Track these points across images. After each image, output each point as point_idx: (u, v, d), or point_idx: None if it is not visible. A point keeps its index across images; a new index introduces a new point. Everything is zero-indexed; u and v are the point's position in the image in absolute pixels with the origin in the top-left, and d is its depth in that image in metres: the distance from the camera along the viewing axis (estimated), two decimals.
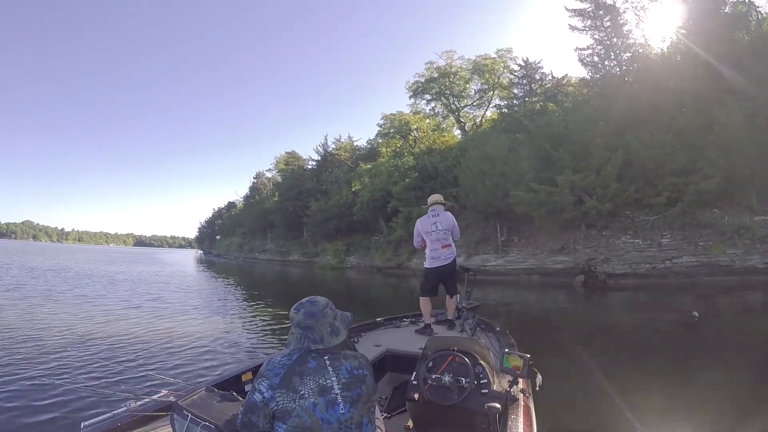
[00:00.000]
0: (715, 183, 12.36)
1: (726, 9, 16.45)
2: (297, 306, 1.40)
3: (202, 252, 74.34)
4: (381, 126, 35.14)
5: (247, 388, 2.25)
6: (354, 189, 29.57)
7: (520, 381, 2.10)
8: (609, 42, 21.36)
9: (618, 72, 21.02)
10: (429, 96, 32.91)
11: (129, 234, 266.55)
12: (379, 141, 35.71)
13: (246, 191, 56.79)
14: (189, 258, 53.95)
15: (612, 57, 21.45)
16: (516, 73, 27.44)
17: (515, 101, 27.04)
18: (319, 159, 40.26)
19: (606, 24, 21.44)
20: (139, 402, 1.94)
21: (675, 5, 18.61)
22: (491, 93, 31.61)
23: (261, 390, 1.27)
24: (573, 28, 22.51)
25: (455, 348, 2.17)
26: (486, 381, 2.01)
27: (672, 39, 17.92)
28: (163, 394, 2.05)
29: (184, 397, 1.69)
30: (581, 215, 14.60)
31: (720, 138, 12.33)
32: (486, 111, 32.45)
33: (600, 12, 21.45)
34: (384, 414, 2.27)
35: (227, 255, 52.15)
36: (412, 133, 33.53)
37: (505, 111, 26.77)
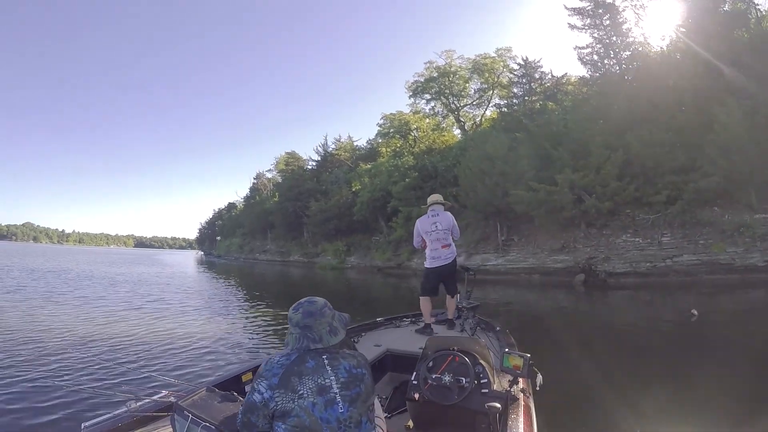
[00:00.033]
0: (715, 181, 12.37)
1: (725, 7, 16.46)
2: (295, 306, 1.41)
3: (202, 253, 74.36)
4: (381, 126, 35.19)
5: (248, 388, 2.24)
6: (354, 189, 29.57)
7: (520, 381, 2.10)
8: (608, 40, 21.38)
9: (617, 70, 21.05)
10: (429, 95, 32.91)
11: (129, 235, 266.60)
12: (379, 141, 35.72)
13: (246, 192, 57.08)
14: (189, 259, 53.90)
15: (611, 55, 21.47)
16: (515, 72, 27.45)
17: (515, 100, 27.05)
18: (319, 159, 40.27)
19: (605, 22, 21.46)
20: (140, 402, 1.94)
21: (674, 3, 18.64)
22: (491, 92, 31.58)
23: (260, 390, 1.27)
24: (572, 26, 22.55)
25: (455, 348, 2.17)
26: (486, 381, 2.01)
27: (671, 37, 17.96)
28: (164, 394, 2.04)
29: (184, 398, 1.69)
30: (581, 214, 14.60)
31: (719, 136, 12.34)
32: (486, 110, 32.49)
33: (599, 10, 21.46)
34: (385, 414, 2.26)
35: (228, 256, 52.16)
36: (411, 133, 33.52)
37: (505, 110, 26.79)
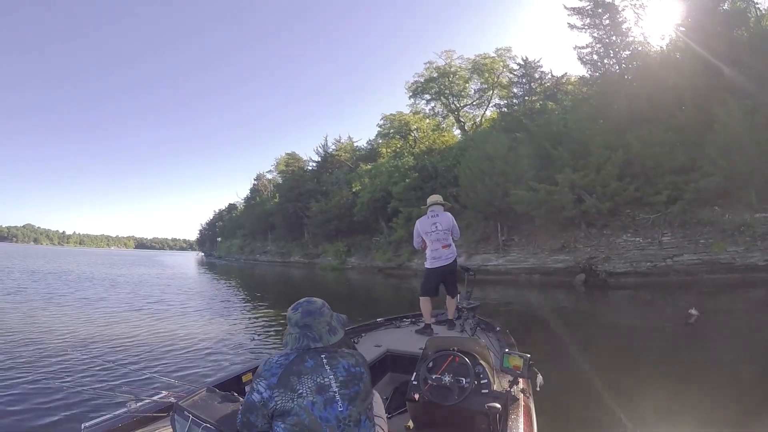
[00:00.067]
0: (715, 181, 12.36)
1: (725, 6, 16.46)
2: (295, 306, 1.42)
3: (203, 254, 74.46)
4: (381, 126, 35.21)
5: (248, 388, 2.25)
6: (354, 190, 29.57)
7: (520, 381, 2.10)
8: (608, 40, 21.40)
9: (617, 70, 21.06)
10: (429, 96, 32.93)
11: (130, 236, 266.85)
12: (379, 141, 35.72)
13: (246, 193, 57.15)
14: (190, 260, 53.92)
15: (611, 55, 21.49)
16: (515, 72, 27.48)
17: (515, 100, 27.08)
18: (320, 160, 40.26)
19: (605, 22, 21.48)
20: (140, 403, 1.94)
21: (674, 3, 18.64)
22: (491, 92, 31.59)
23: (259, 390, 1.27)
24: (572, 26, 22.58)
25: (455, 348, 2.16)
26: (486, 381, 2.01)
27: (671, 37, 17.97)
28: (164, 395, 2.04)
29: (184, 398, 1.68)
30: (581, 214, 14.60)
31: (719, 136, 12.34)
32: (485, 110, 32.51)
33: (599, 10, 21.49)
34: (385, 414, 2.26)
35: (228, 257, 52.21)
36: (412, 134, 33.52)
37: (505, 110, 26.82)
